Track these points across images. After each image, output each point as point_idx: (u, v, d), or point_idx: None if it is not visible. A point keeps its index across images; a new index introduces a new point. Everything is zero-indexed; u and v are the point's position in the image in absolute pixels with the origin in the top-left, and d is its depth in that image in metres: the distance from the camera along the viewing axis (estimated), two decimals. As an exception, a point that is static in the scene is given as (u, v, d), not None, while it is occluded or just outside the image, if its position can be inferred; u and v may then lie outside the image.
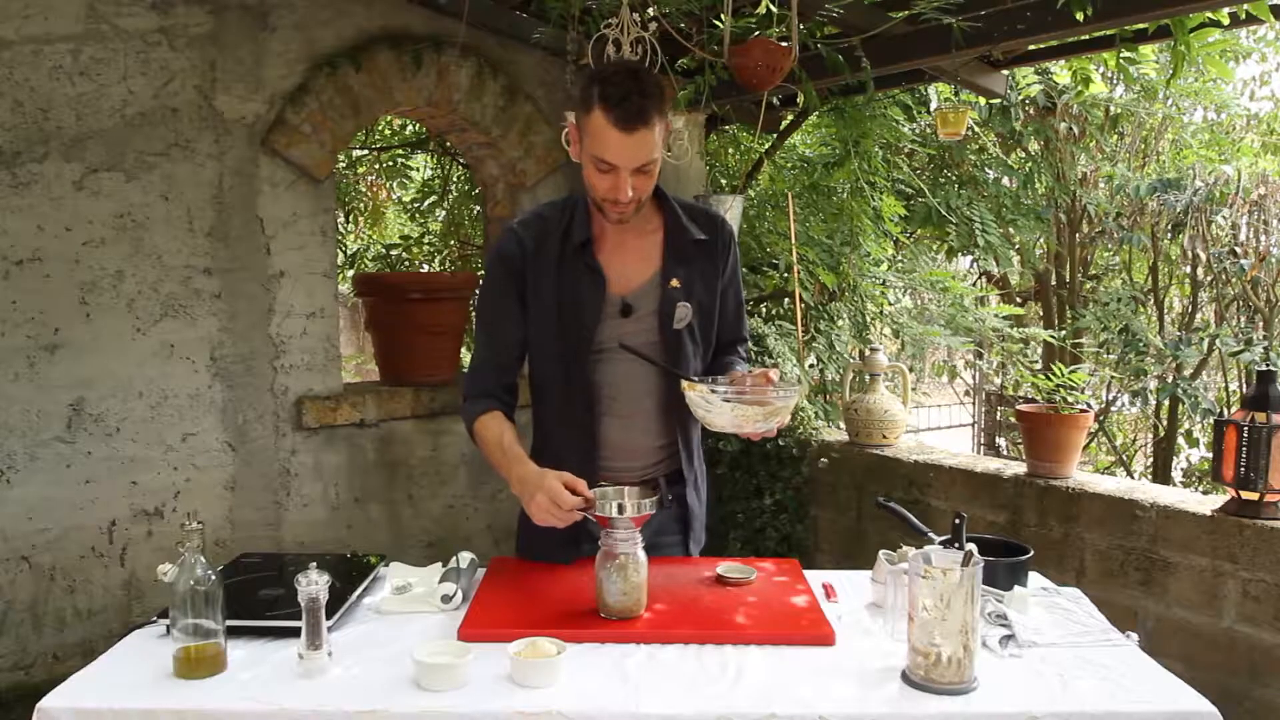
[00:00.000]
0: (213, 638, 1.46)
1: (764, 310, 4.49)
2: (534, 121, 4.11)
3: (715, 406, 1.72)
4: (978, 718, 1.37)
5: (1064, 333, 5.49)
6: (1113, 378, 5.49)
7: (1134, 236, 5.30)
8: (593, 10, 3.23)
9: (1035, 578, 1.92)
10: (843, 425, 3.91)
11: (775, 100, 3.86)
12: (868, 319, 4.71)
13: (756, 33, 3.00)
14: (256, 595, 1.73)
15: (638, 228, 1.89)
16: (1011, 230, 5.31)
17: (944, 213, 4.79)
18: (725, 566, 1.88)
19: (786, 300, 4.40)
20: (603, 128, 1.71)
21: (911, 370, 4.44)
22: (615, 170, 1.74)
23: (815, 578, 1.91)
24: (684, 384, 1.76)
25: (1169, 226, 5.19)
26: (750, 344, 2.18)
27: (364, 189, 6.59)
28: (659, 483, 1.96)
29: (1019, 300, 6.69)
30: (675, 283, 1.89)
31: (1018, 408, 3.33)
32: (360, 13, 3.69)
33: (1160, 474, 5.51)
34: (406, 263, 6.27)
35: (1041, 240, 5.91)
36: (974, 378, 7.90)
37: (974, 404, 8.28)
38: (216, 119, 3.46)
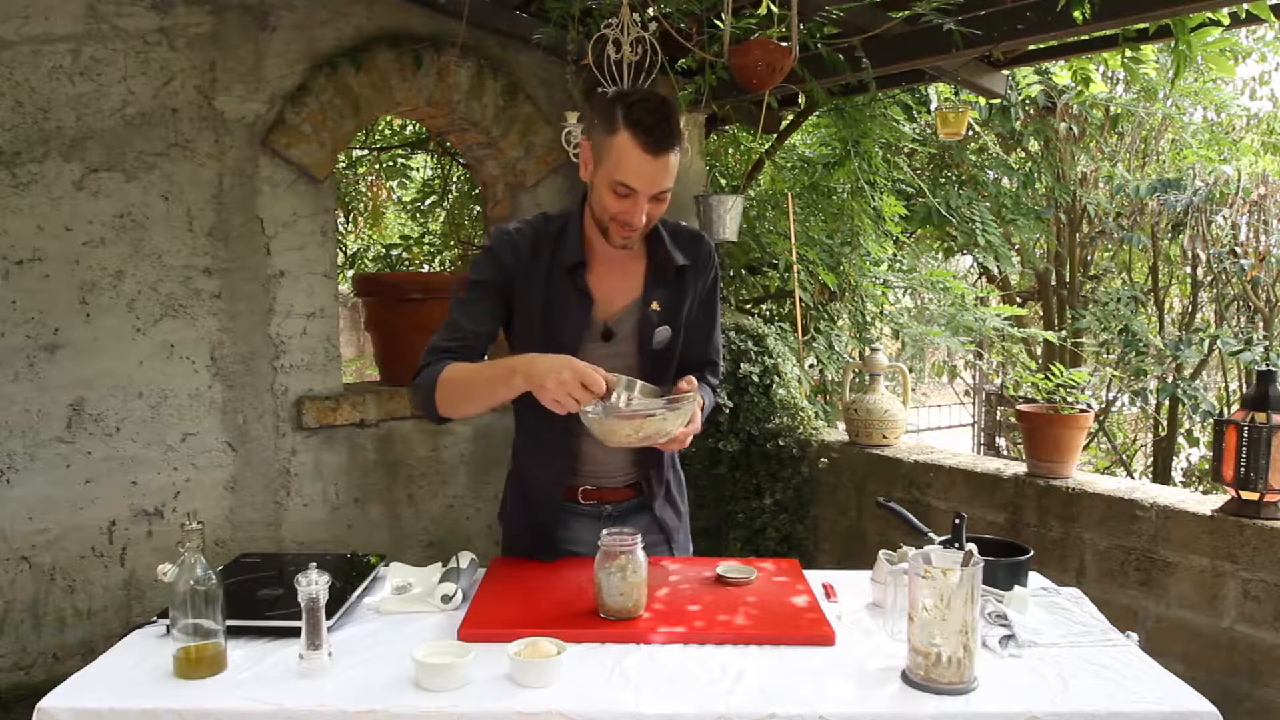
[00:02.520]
0: (213, 638, 1.46)
1: (764, 310, 4.49)
2: (534, 121, 4.10)
3: (586, 419, 1.68)
4: (978, 718, 1.37)
5: (1064, 333, 5.49)
6: (1113, 378, 5.49)
7: (1134, 236, 5.30)
8: (593, 10, 3.23)
9: (1035, 578, 1.92)
10: (843, 425, 3.91)
11: (775, 101, 3.85)
12: (868, 319, 4.71)
13: (756, 33, 3.00)
14: (256, 595, 1.72)
15: (625, 251, 1.85)
16: (1011, 230, 5.31)
17: (944, 212, 4.79)
18: (725, 566, 1.88)
19: (787, 301, 4.40)
20: (629, 150, 1.67)
21: (911, 370, 4.44)
22: (634, 195, 1.71)
23: (815, 578, 1.90)
24: None
25: (1169, 226, 5.20)
26: (721, 369, 2.11)
27: (364, 189, 6.59)
28: (641, 486, 1.98)
29: (1019, 300, 6.69)
30: (655, 305, 1.87)
31: (1018, 408, 3.32)
32: (360, 13, 3.69)
33: (1160, 474, 5.52)
34: (406, 263, 6.28)
35: (1041, 240, 5.91)
36: (974, 378, 7.91)
37: (974, 404, 8.29)
38: (216, 119, 3.46)
